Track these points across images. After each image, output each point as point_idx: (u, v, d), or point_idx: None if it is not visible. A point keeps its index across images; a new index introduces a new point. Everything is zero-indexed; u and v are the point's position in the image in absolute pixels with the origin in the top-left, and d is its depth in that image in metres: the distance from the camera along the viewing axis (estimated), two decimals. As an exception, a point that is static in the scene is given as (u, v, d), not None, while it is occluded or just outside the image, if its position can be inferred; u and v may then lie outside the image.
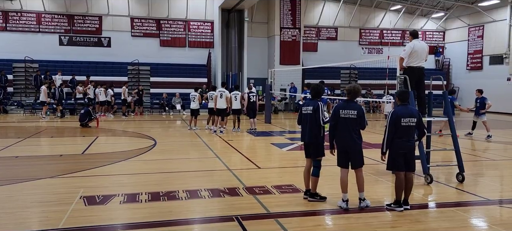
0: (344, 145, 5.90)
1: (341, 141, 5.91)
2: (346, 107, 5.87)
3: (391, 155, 5.96)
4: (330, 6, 28.50)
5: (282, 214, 5.59)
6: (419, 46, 7.82)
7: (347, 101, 5.97)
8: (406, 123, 5.86)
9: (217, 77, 25.01)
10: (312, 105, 6.21)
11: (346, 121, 5.83)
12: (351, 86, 6.06)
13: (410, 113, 5.93)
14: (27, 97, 22.78)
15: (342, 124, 5.85)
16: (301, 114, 6.39)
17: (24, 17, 23.81)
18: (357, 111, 5.81)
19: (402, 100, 6.06)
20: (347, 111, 5.83)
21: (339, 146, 5.95)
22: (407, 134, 5.90)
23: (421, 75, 7.88)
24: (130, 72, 24.79)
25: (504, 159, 10.53)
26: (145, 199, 6.25)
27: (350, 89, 5.98)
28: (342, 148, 5.93)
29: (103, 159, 9.57)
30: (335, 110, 5.94)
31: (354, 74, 28.31)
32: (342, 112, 5.85)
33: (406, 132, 5.88)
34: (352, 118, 5.81)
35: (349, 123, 5.83)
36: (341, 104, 5.95)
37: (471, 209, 6.12)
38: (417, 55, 7.75)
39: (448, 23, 30.63)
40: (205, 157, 10.13)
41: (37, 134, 14.26)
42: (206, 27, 26.36)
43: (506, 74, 25.65)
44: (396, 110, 5.98)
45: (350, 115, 5.82)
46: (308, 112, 6.24)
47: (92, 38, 24.84)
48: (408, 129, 5.90)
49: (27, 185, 7.13)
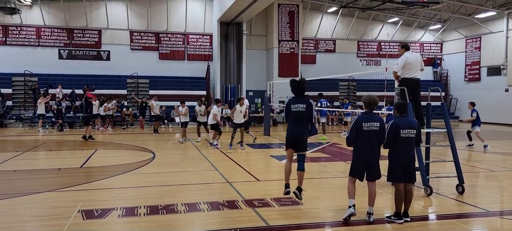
0: (366, 157, 5.75)
1: (366, 154, 5.75)
2: (369, 120, 5.74)
3: (391, 166, 5.95)
4: (328, 19, 28.72)
5: (282, 227, 5.57)
6: (411, 58, 7.86)
7: (368, 114, 5.85)
8: (405, 134, 5.85)
9: (216, 90, 25.07)
10: (305, 103, 6.39)
11: (369, 133, 5.71)
12: (368, 97, 5.91)
13: (410, 125, 5.93)
14: (26, 111, 22.78)
15: (365, 136, 5.70)
16: (289, 111, 6.47)
17: (24, 31, 23.93)
18: (379, 123, 5.76)
19: (400, 112, 6.08)
20: (370, 124, 5.71)
21: (360, 159, 5.79)
22: (407, 145, 5.88)
23: (416, 87, 7.91)
24: (129, 85, 24.85)
25: (503, 170, 10.52)
26: (144, 212, 6.21)
27: (369, 101, 5.85)
28: (363, 161, 5.77)
29: (102, 172, 9.54)
30: (357, 124, 5.74)
31: (352, 86, 28.40)
32: (365, 125, 5.70)
33: (405, 143, 5.86)
34: (375, 130, 5.73)
35: (372, 136, 5.71)
36: (363, 117, 5.79)
37: (472, 221, 6.10)
38: (411, 67, 7.79)
39: (445, 35, 30.85)
40: (204, 169, 10.10)
41: (36, 148, 14.22)
42: (205, 40, 26.51)
43: (504, 85, 25.76)
44: (395, 121, 5.97)
45: (373, 128, 5.72)
46: (299, 109, 6.37)
47: (91, 51, 24.94)
48: (408, 140, 5.88)
49: (25, 199, 7.09)
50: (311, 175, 9.53)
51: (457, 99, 29.24)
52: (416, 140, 5.99)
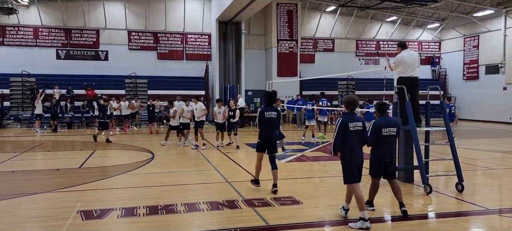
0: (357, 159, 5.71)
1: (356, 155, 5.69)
2: (353, 120, 5.72)
3: (373, 162, 6.21)
4: (327, 18, 28.71)
5: (282, 226, 5.56)
6: (408, 57, 7.86)
7: (351, 114, 5.83)
8: (387, 133, 6.08)
9: (215, 90, 25.05)
10: (276, 111, 7.45)
11: (355, 133, 5.68)
12: (349, 97, 5.95)
13: (391, 124, 6.18)
14: (24, 112, 22.71)
15: (351, 138, 5.64)
16: (263, 118, 7.34)
17: (21, 31, 23.86)
18: (362, 123, 5.80)
19: (381, 112, 6.36)
20: (355, 124, 5.69)
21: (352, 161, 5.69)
22: (388, 143, 6.14)
23: (414, 86, 7.89)
24: (127, 85, 24.80)
25: (502, 168, 10.53)
26: (143, 212, 6.19)
27: (350, 101, 5.85)
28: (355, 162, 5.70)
29: (101, 173, 9.52)
30: (343, 125, 5.65)
31: (351, 85, 28.40)
32: (351, 125, 5.65)
33: (387, 141, 6.11)
34: (359, 130, 5.73)
35: (357, 136, 5.71)
36: (347, 118, 5.72)
37: (471, 219, 6.10)
38: (407, 66, 7.79)
39: (443, 33, 30.88)
40: (203, 169, 10.08)
41: (34, 148, 14.18)
42: (203, 39, 26.47)
43: (502, 83, 25.80)
44: (377, 121, 6.18)
45: (357, 128, 5.70)
46: (272, 117, 7.37)
47: (89, 51, 24.89)
48: (389, 138, 6.12)
49: (24, 199, 7.06)
50: (310, 174, 9.53)
51: (455, 98, 29.26)
52: (397, 135, 6.29)
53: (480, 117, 27.00)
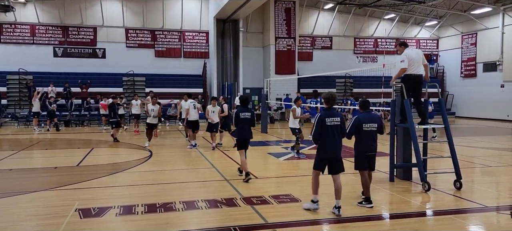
0: (330, 152, 6.04)
1: (331, 148, 6.02)
2: (330, 115, 6.03)
3: (357, 156, 6.55)
4: (325, 16, 28.69)
5: (280, 224, 5.56)
6: (413, 54, 7.87)
7: (329, 110, 6.13)
8: (367, 128, 6.46)
9: (212, 88, 25.01)
10: (249, 112, 8.42)
11: (332, 128, 5.98)
12: (328, 94, 6.24)
13: (372, 119, 6.55)
14: (21, 110, 22.63)
15: (328, 131, 5.97)
16: (238, 119, 8.24)
17: (18, 29, 23.75)
18: (340, 118, 6.08)
19: (363, 108, 6.76)
20: (332, 119, 5.99)
21: (325, 153, 6.07)
22: (370, 138, 6.50)
23: (418, 83, 7.90)
24: (125, 83, 24.73)
25: (500, 165, 10.56)
26: (142, 210, 6.18)
27: (329, 97, 6.15)
28: (328, 155, 6.05)
29: (99, 171, 9.49)
30: (320, 120, 5.97)
31: (349, 83, 28.42)
32: (328, 120, 5.97)
33: (368, 136, 6.48)
34: (337, 125, 6.01)
35: (334, 130, 5.99)
36: (325, 114, 6.05)
37: (469, 216, 6.11)
38: (413, 63, 7.78)
39: (441, 31, 30.91)
40: (202, 167, 10.07)
41: (31, 146, 14.13)
42: (201, 37, 26.42)
43: (499, 81, 25.85)
44: (359, 117, 6.60)
45: (334, 122, 6.00)
46: (246, 117, 8.28)
47: (86, 49, 24.80)
48: (370, 133, 6.49)
49: (21, 198, 7.04)
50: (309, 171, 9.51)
51: (453, 96, 29.33)
52: (378, 130, 6.60)
53: (478, 115, 27.08)
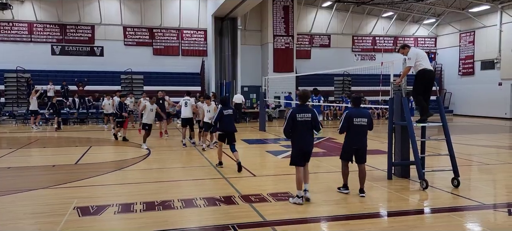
0: (303, 146, 6.47)
1: (303, 143, 6.46)
2: (302, 111, 6.46)
3: (345, 148, 7.01)
4: (323, 14, 28.69)
5: (279, 222, 5.56)
6: (419, 50, 7.97)
7: (302, 106, 6.60)
8: (358, 122, 6.86)
9: (210, 86, 25.00)
10: (231, 109, 9.48)
11: (303, 123, 6.40)
12: (302, 91, 6.70)
13: (362, 114, 6.95)
14: (19, 108, 22.58)
15: (300, 127, 6.39)
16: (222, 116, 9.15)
17: (16, 26, 23.67)
18: (311, 114, 6.49)
19: (355, 104, 7.19)
20: (303, 115, 6.42)
21: (299, 147, 6.47)
22: (359, 132, 6.90)
23: (432, 79, 7.91)
24: (123, 81, 24.68)
25: (497, 163, 10.59)
26: (140, 208, 6.18)
27: (303, 95, 6.62)
28: (302, 148, 6.47)
29: (97, 169, 9.49)
30: (292, 116, 6.41)
31: (347, 81, 28.44)
32: (299, 116, 6.39)
33: (358, 129, 6.88)
34: (308, 121, 6.43)
35: (305, 125, 6.42)
36: (297, 110, 6.49)
37: (467, 214, 6.14)
38: (422, 58, 7.82)
39: (439, 29, 30.95)
40: (200, 165, 10.07)
41: (29, 144, 14.11)
42: (199, 35, 26.39)
43: (497, 79, 25.92)
44: (349, 111, 7.02)
45: (305, 118, 6.42)
46: (229, 113, 9.28)
47: (84, 47, 24.75)
48: (360, 127, 6.88)
49: (19, 196, 7.03)
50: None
51: (451, 93, 29.39)
52: (368, 125, 6.97)
53: (476, 113, 27.15)
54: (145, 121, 12.90)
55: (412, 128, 7.71)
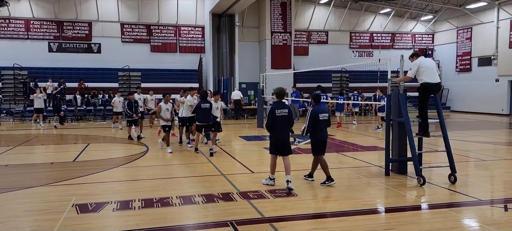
0: (281, 138, 7.15)
1: (279, 134, 7.15)
2: (280, 107, 7.17)
3: (314, 143, 7.48)
4: (321, 10, 28.67)
5: (277, 218, 5.59)
6: (427, 62, 7.73)
7: (279, 102, 7.28)
8: (322, 117, 7.43)
9: (208, 83, 24.98)
10: (209, 103, 10.85)
11: (281, 118, 7.11)
12: (279, 89, 7.41)
13: (324, 111, 7.61)
14: (16, 105, 22.51)
15: (278, 121, 7.10)
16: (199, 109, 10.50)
17: (12, 23, 23.57)
18: (287, 110, 7.21)
19: (316, 101, 7.65)
20: (281, 111, 7.13)
21: (276, 139, 7.16)
22: (324, 127, 7.48)
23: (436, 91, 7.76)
24: (120, 78, 24.65)
25: (494, 159, 10.65)
26: (139, 206, 6.20)
27: (280, 92, 7.35)
28: (280, 139, 7.15)
29: (95, 166, 9.48)
30: (271, 111, 7.12)
31: (345, 78, 28.47)
32: (278, 111, 7.10)
33: (323, 125, 7.46)
34: (285, 116, 7.14)
35: (283, 120, 7.12)
36: (275, 106, 7.18)
37: (464, 210, 6.18)
38: (429, 69, 7.63)
39: (437, 25, 30.99)
40: (198, 162, 10.08)
41: (27, 142, 14.08)
42: (197, 32, 26.34)
43: (494, 75, 26.01)
44: (314, 109, 7.45)
45: (283, 113, 7.13)
46: (206, 107, 10.62)
47: (82, 44, 24.67)
48: (324, 122, 7.48)
49: (18, 193, 7.03)
50: (305, 166, 9.55)
51: (448, 90, 29.47)
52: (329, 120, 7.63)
53: (473, 109, 27.24)
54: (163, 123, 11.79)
55: (410, 124, 7.74)
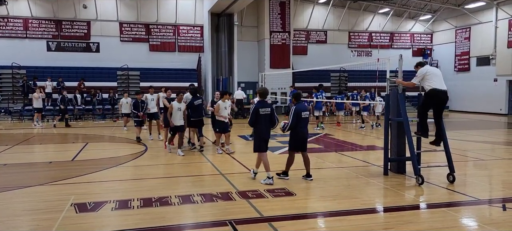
0: (264, 135, 7.54)
1: (264, 132, 7.55)
2: (263, 106, 7.52)
3: (294, 140, 7.65)
4: (319, 10, 28.68)
5: (276, 218, 5.59)
6: (435, 70, 7.71)
7: (262, 102, 7.60)
8: (304, 115, 7.61)
9: (207, 82, 24.97)
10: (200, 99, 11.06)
11: (265, 116, 7.47)
12: (262, 89, 7.85)
13: (305, 109, 7.79)
14: (15, 104, 22.47)
15: (262, 119, 7.45)
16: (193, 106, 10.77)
17: (11, 22, 23.53)
18: (270, 108, 7.58)
19: (297, 100, 7.82)
20: (264, 109, 7.49)
21: (263, 135, 7.54)
22: (305, 125, 7.67)
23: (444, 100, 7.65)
24: (119, 77, 24.63)
25: (492, 159, 10.67)
26: (137, 205, 6.19)
27: (263, 92, 7.73)
28: (264, 137, 7.55)
29: (94, 166, 9.47)
30: (255, 110, 7.47)
31: (344, 77, 28.48)
32: (261, 110, 7.45)
33: (304, 122, 7.64)
34: (268, 114, 7.51)
35: (266, 118, 7.50)
36: (259, 104, 7.52)
37: (462, 209, 6.18)
38: (436, 76, 7.57)
39: (435, 25, 31.03)
40: (197, 161, 10.08)
41: (26, 141, 14.06)
42: (195, 31, 26.33)
43: (492, 75, 26.05)
44: (297, 107, 7.62)
45: (266, 112, 7.50)
46: (198, 103, 10.83)
47: (80, 43, 24.64)
48: (306, 120, 7.66)
49: (16, 193, 7.02)
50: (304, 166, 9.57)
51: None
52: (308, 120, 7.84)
53: (471, 108, 27.29)
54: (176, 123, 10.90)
55: (408, 124, 7.75)
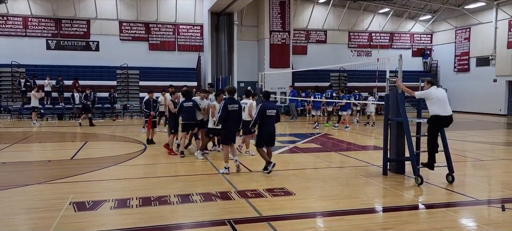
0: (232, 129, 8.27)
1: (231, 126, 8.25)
2: (232, 102, 8.21)
3: (261, 136, 8.21)
4: (319, 9, 28.67)
5: (275, 217, 5.59)
6: (439, 92, 7.61)
7: (231, 98, 8.29)
8: (270, 113, 8.15)
9: (207, 81, 24.95)
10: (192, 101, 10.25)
11: (233, 113, 8.15)
12: (231, 87, 8.61)
13: (272, 107, 8.34)
14: (14, 103, 22.44)
15: (231, 115, 8.13)
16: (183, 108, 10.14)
17: (10, 21, 23.49)
18: (238, 105, 8.32)
19: (266, 98, 8.45)
20: (233, 106, 8.18)
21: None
22: (271, 122, 8.23)
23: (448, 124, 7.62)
24: (119, 76, 24.61)
25: (491, 159, 10.68)
26: (136, 204, 6.18)
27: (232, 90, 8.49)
28: (232, 131, 8.32)
29: (93, 164, 9.46)
30: (224, 106, 8.08)
31: (343, 77, 28.48)
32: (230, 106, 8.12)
33: (270, 120, 8.21)
34: (237, 111, 8.25)
35: (235, 114, 8.21)
36: (228, 101, 8.18)
37: (461, 210, 6.19)
38: (441, 101, 7.52)
39: (435, 25, 31.02)
40: (196, 161, 10.07)
41: (25, 140, 14.05)
42: (195, 30, 26.31)
43: (492, 75, 26.05)
44: (263, 104, 8.20)
45: (235, 108, 8.20)
46: (189, 105, 10.15)
47: (80, 42, 24.61)
48: (271, 117, 8.21)
49: (15, 191, 7.01)
50: (303, 165, 9.57)
51: (446, 90, 29.46)
52: (277, 117, 8.42)
53: (471, 109, 27.29)
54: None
55: (408, 124, 7.75)
